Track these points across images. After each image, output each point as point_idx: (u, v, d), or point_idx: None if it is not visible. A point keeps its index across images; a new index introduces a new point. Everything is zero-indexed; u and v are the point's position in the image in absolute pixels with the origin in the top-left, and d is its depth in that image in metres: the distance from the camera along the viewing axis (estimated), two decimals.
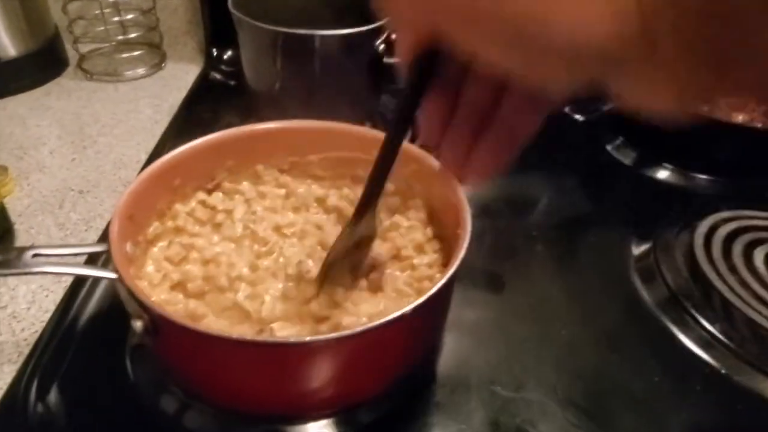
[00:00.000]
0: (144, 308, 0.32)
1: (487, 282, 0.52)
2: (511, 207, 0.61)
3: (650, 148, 0.70)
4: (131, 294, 0.32)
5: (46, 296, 0.48)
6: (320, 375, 0.33)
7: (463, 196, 0.41)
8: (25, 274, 0.32)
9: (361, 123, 0.52)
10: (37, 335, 0.45)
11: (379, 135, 0.49)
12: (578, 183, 0.66)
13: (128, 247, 0.38)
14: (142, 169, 0.63)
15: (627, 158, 0.70)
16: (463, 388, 0.41)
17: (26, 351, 0.43)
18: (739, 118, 0.70)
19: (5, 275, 0.33)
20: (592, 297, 0.50)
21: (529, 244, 0.56)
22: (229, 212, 0.47)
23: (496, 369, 0.43)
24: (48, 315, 0.46)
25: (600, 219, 0.61)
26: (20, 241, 0.54)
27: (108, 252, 0.35)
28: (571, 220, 0.61)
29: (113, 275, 0.33)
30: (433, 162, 0.45)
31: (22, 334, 0.45)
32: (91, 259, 0.48)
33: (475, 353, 0.44)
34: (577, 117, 0.64)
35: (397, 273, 0.42)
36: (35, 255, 0.33)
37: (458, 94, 0.25)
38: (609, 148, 0.72)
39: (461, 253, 0.34)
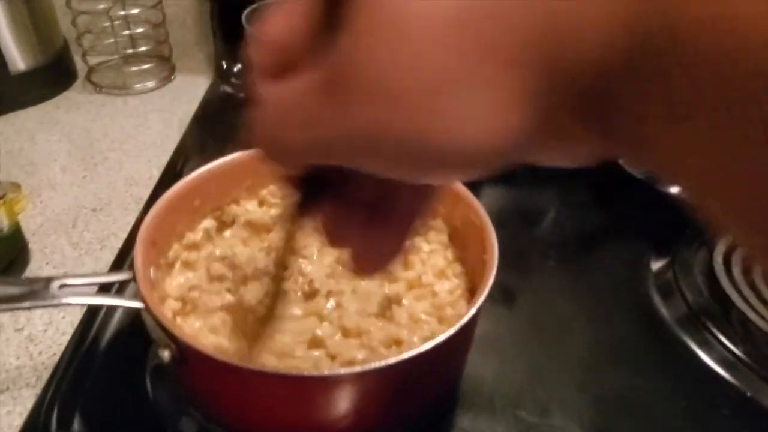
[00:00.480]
0: (172, 339, 0.31)
1: (505, 299, 0.51)
2: (523, 221, 0.61)
3: None
4: (159, 324, 0.32)
5: (63, 318, 0.48)
6: (348, 406, 0.33)
7: (487, 218, 0.40)
8: (54, 306, 0.32)
9: None
10: (55, 358, 0.44)
11: None
12: (591, 197, 0.66)
13: (151, 272, 0.38)
14: (156, 187, 0.62)
15: (641, 172, 0.70)
16: (488, 413, 0.41)
17: (44, 375, 0.43)
18: None
19: (35, 307, 0.33)
20: (612, 315, 0.50)
21: (544, 260, 0.55)
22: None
23: (519, 392, 0.43)
24: (65, 338, 0.46)
25: (616, 234, 0.61)
26: (35, 260, 0.54)
27: (132, 280, 0.34)
28: (586, 235, 0.61)
29: (140, 305, 0.33)
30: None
31: (40, 357, 0.45)
32: (105, 286, 0.47)
33: (496, 376, 0.44)
34: None
35: (414, 302, 0.41)
36: (62, 285, 0.33)
37: (348, 192, 0.23)
38: (622, 161, 0.72)
39: (490, 281, 0.34)
